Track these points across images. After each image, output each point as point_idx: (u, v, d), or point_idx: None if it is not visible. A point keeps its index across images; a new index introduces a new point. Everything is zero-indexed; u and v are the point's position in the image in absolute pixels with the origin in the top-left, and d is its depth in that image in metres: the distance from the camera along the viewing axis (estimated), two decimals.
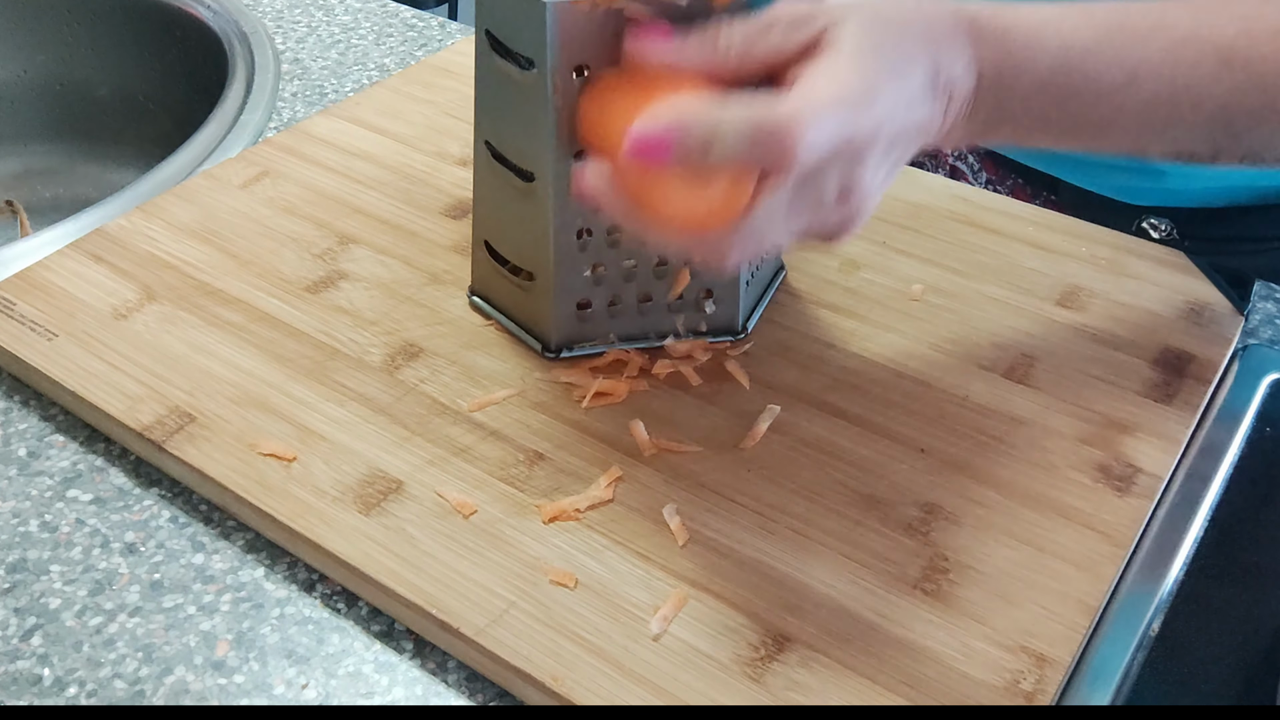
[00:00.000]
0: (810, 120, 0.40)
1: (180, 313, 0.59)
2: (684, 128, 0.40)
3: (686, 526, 0.49)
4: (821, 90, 0.41)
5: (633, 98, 0.44)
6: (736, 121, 0.40)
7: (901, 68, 0.43)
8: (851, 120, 0.41)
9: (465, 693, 0.45)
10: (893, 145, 0.44)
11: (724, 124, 0.40)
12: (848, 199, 0.44)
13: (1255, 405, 0.56)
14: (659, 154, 0.41)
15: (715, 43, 0.44)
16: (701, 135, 0.40)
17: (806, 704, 0.43)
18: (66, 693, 0.45)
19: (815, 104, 0.41)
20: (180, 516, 0.52)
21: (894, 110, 0.43)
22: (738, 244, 0.44)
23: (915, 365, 0.57)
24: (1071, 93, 0.47)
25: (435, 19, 0.90)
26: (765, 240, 0.44)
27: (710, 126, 0.40)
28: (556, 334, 0.56)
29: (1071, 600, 0.46)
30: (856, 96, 0.41)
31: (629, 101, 0.44)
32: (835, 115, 0.41)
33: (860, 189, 0.44)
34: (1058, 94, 0.47)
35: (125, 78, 0.95)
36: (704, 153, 0.40)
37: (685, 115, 0.41)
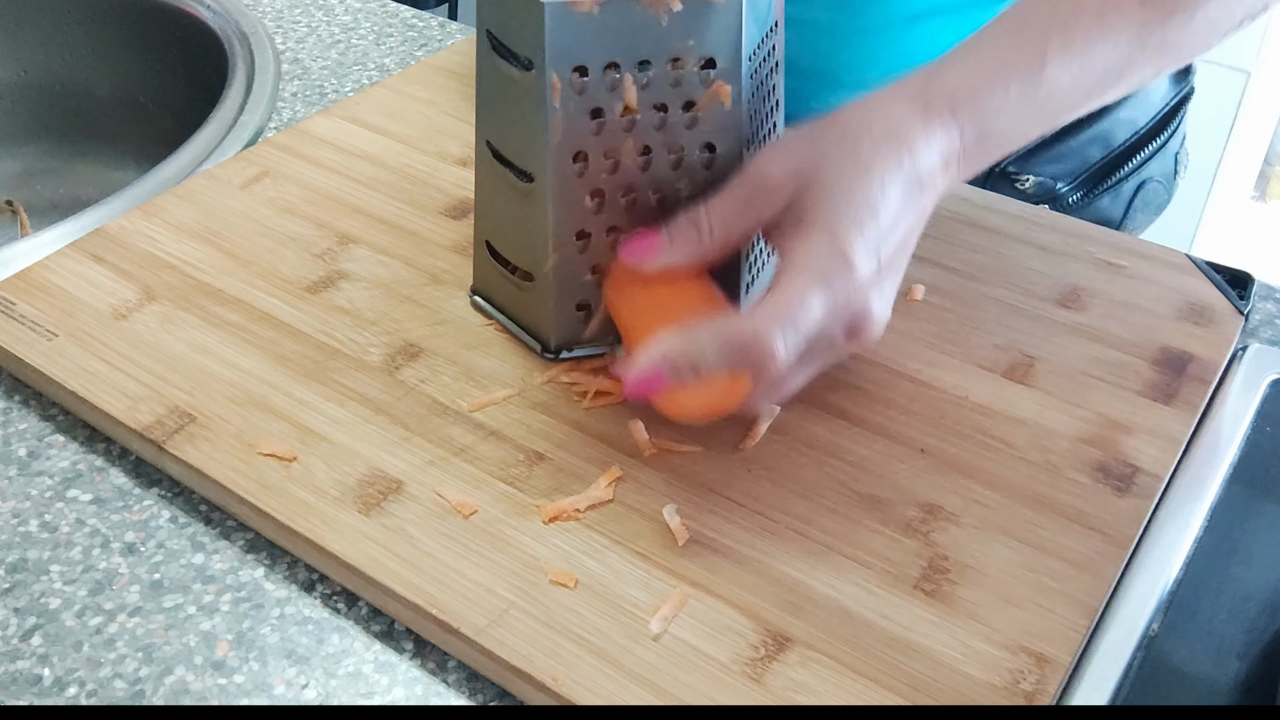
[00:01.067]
0: (776, 326, 0.44)
1: (180, 313, 0.59)
2: (669, 361, 0.46)
3: (686, 526, 0.49)
4: (790, 286, 0.45)
5: (642, 290, 0.51)
6: (712, 345, 0.45)
7: (877, 201, 0.47)
8: (829, 296, 0.45)
9: (465, 693, 0.45)
10: (889, 269, 0.48)
11: (703, 349, 0.45)
12: (858, 334, 0.48)
13: (1255, 405, 0.56)
14: (656, 386, 0.46)
15: (697, 235, 0.49)
16: (685, 362, 0.45)
17: (806, 704, 0.43)
18: (66, 693, 0.45)
19: (782, 309, 0.45)
20: (180, 516, 0.52)
21: (878, 246, 0.46)
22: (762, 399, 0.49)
23: (915, 365, 0.57)
24: (1042, 105, 0.51)
25: (435, 19, 0.90)
26: (787, 389, 0.49)
27: (692, 353, 0.45)
28: (556, 335, 0.56)
29: (1071, 600, 0.46)
30: (830, 269, 0.45)
31: (638, 297, 0.51)
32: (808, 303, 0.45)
33: (867, 323, 0.47)
34: (1032, 113, 0.51)
35: (125, 78, 0.95)
36: (694, 374, 0.45)
37: (667, 350, 0.46)
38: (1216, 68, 1.77)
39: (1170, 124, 0.80)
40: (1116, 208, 0.80)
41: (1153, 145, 0.79)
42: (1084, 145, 0.77)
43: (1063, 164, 0.77)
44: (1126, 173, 0.78)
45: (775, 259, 0.61)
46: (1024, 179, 0.76)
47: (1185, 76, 0.81)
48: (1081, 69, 0.50)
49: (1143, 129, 0.79)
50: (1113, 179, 0.78)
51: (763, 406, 0.51)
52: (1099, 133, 0.77)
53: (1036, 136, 0.53)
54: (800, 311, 0.45)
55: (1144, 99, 0.78)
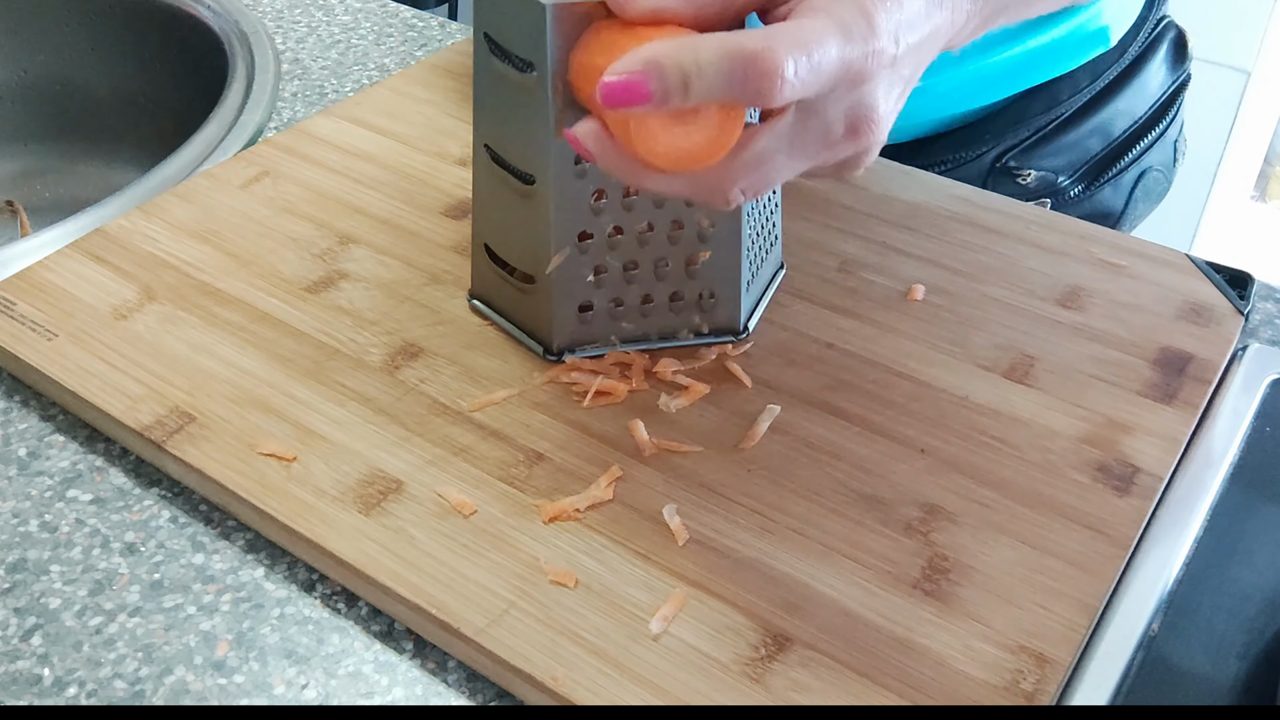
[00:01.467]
0: (791, 49, 0.38)
1: (180, 313, 0.59)
2: (659, 67, 0.38)
3: (686, 526, 0.49)
4: (810, 21, 0.40)
5: (620, 46, 0.42)
6: (713, 55, 0.38)
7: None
8: (846, 47, 0.39)
9: (465, 693, 0.45)
10: (900, 65, 0.42)
11: (701, 59, 0.38)
12: (857, 131, 0.42)
13: (1255, 405, 0.56)
14: (635, 97, 0.39)
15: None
16: (678, 73, 0.38)
17: (806, 704, 0.43)
18: (66, 693, 0.45)
19: (799, 34, 0.39)
20: (180, 516, 0.52)
21: (896, 30, 0.41)
22: (737, 179, 0.42)
23: (915, 365, 0.57)
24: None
25: (435, 19, 0.90)
26: (769, 177, 0.43)
27: (686, 63, 0.38)
28: (558, 337, 0.56)
29: (1071, 600, 0.46)
30: (851, 22, 0.40)
31: (615, 50, 0.41)
32: (825, 43, 0.39)
33: (871, 119, 0.42)
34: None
35: (125, 78, 0.95)
36: (683, 91, 0.39)
37: (659, 54, 0.39)
38: (1216, 67, 1.77)
39: (1168, 112, 0.80)
40: (1118, 198, 0.80)
41: (1152, 134, 0.79)
42: (1084, 138, 0.77)
43: (1063, 157, 0.77)
44: (1127, 163, 0.79)
45: (775, 252, 0.61)
46: (1025, 173, 0.76)
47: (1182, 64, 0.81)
48: None
49: (1141, 119, 0.79)
50: (1113, 170, 0.78)
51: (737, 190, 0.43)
52: (1098, 124, 0.77)
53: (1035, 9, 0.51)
54: (816, 45, 0.39)
55: (1141, 90, 0.79)
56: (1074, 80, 0.76)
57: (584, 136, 0.43)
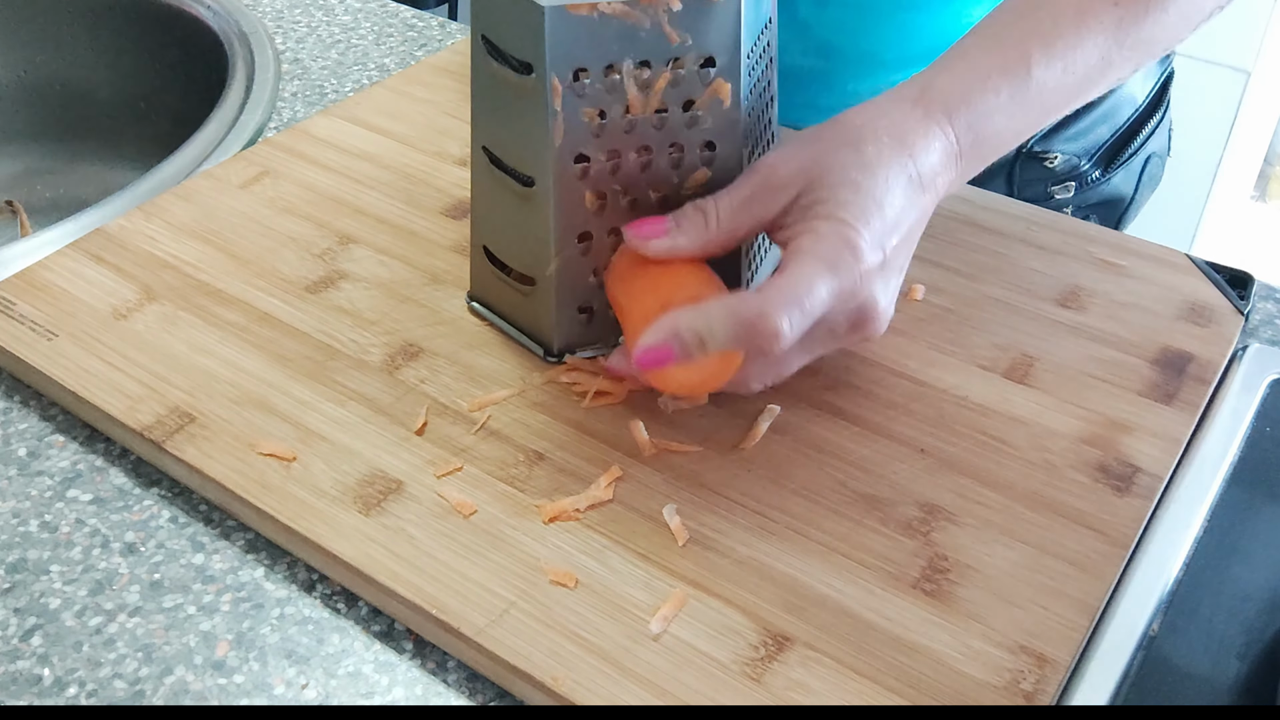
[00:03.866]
0: (784, 307, 0.45)
1: (180, 313, 0.59)
2: (679, 336, 0.47)
3: (686, 526, 0.49)
4: (798, 272, 0.46)
5: (644, 278, 0.51)
6: (721, 322, 0.46)
7: (881, 198, 0.48)
8: (835, 282, 0.47)
9: (465, 693, 0.45)
10: (892, 262, 0.49)
11: (712, 326, 0.46)
12: (860, 327, 0.50)
13: (1255, 405, 0.56)
14: (664, 359, 0.47)
15: (704, 224, 0.50)
16: (694, 338, 0.46)
17: (806, 704, 0.43)
18: (66, 693, 0.45)
19: (790, 290, 0.46)
20: (180, 516, 0.52)
21: (882, 237, 0.48)
22: (760, 378, 0.51)
23: (915, 365, 0.57)
24: (1031, 106, 0.53)
25: (435, 19, 0.90)
26: (784, 371, 0.52)
27: (700, 329, 0.46)
28: (558, 339, 0.56)
29: (1071, 600, 0.46)
30: (837, 258, 0.47)
31: (640, 282, 0.51)
32: (815, 288, 0.46)
33: (871, 315, 0.49)
34: (1023, 114, 0.53)
35: (125, 78, 0.95)
36: (701, 349, 0.47)
37: (677, 325, 0.47)
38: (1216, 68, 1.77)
39: (1162, 100, 0.83)
40: (1128, 183, 0.83)
41: (1151, 122, 0.82)
42: (1095, 123, 0.80)
43: (1080, 142, 0.79)
44: (1135, 148, 0.81)
45: (774, 253, 0.61)
46: (1052, 156, 0.78)
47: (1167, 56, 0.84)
48: (1065, 70, 0.52)
49: (1141, 106, 0.82)
50: (1124, 155, 0.81)
51: (756, 386, 0.52)
52: (1106, 110, 0.80)
53: (1027, 137, 0.54)
54: (807, 295, 0.46)
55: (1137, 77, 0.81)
56: None
57: (618, 364, 0.53)
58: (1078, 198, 0.80)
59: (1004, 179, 0.78)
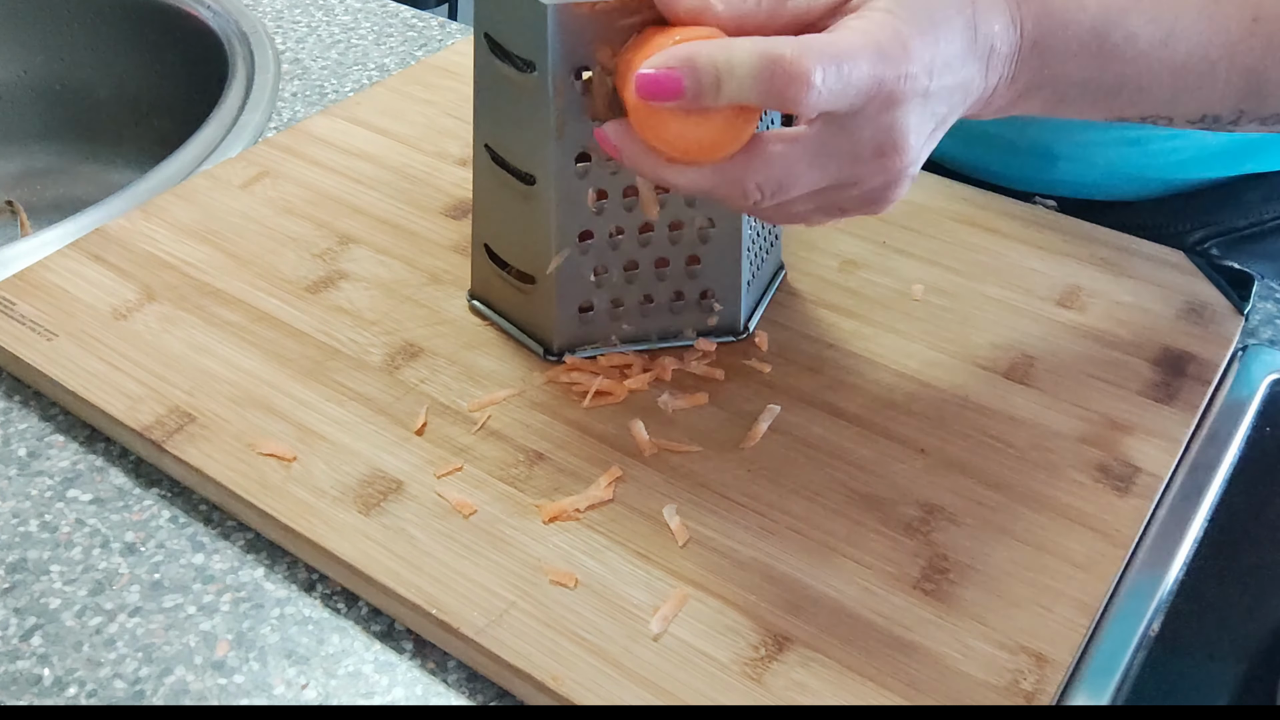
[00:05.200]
0: (822, 59, 0.39)
1: (180, 313, 0.59)
2: (693, 64, 0.40)
3: (686, 526, 0.49)
4: (845, 35, 0.40)
5: (653, 48, 0.43)
6: (746, 57, 0.39)
7: (938, 26, 0.42)
8: (879, 65, 0.40)
9: (465, 693, 0.45)
10: (933, 100, 0.42)
11: (734, 59, 0.39)
12: (885, 155, 0.42)
13: (1255, 405, 0.56)
14: (669, 92, 0.40)
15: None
16: (711, 72, 0.40)
17: (806, 704, 0.43)
18: (66, 693, 0.45)
19: (832, 45, 0.39)
20: (180, 516, 0.52)
21: (931, 64, 0.41)
22: (755, 177, 0.42)
23: (915, 365, 0.57)
24: (1112, 51, 0.46)
25: (435, 19, 0.90)
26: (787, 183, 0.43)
27: (720, 62, 0.39)
28: (559, 337, 0.56)
29: (1071, 600, 0.46)
30: (887, 44, 0.40)
31: (648, 51, 0.43)
32: (857, 58, 0.39)
33: (899, 145, 0.42)
34: (1098, 52, 0.46)
35: (125, 78, 0.95)
36: (715, 89, 0.40)
37: (695, 52, 0.40)
38: None
39: None
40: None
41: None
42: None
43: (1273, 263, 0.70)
44: None
45: (778, 247, 0.61)
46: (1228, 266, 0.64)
47: None
48: (1162, 45, 0.47)
49: None
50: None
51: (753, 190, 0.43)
52: None
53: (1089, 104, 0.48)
54: (847, 56, 0.39)
55: None
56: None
57: (612, 134, 0.45)
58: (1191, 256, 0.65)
59: None
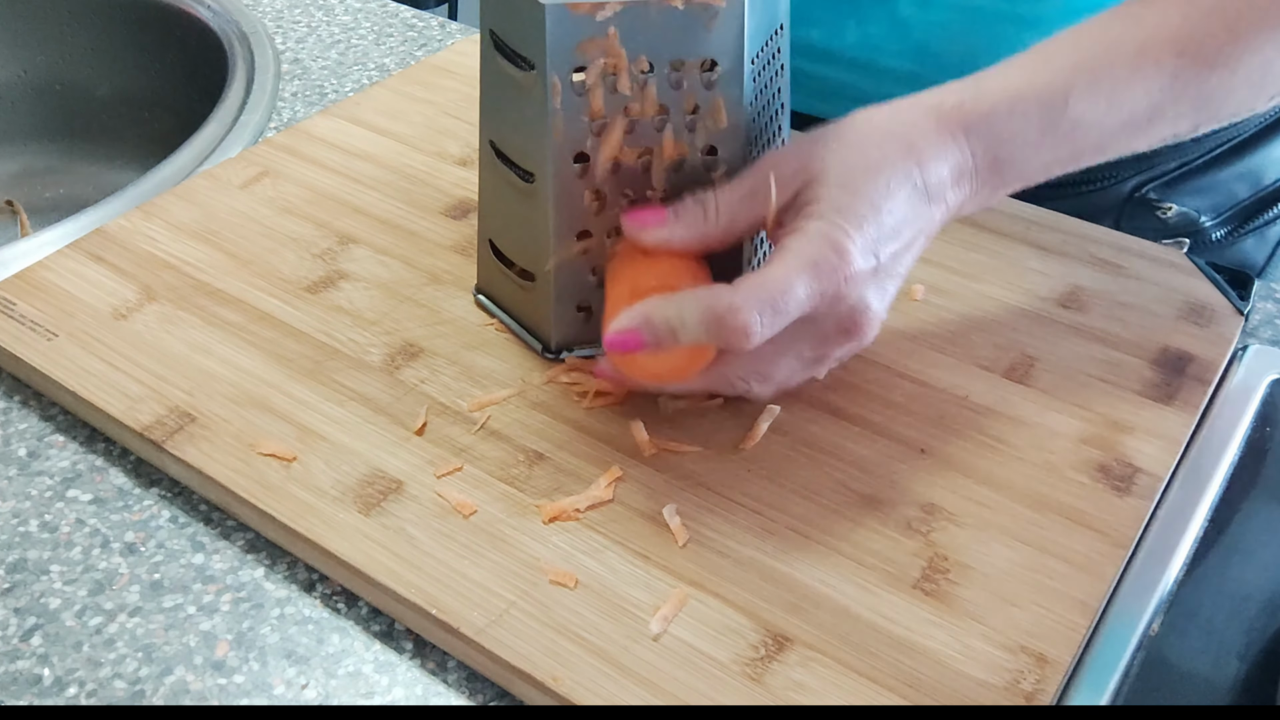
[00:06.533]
0: (756, 304, 0.45)
1: (180, 313, 0.59)
2: (649, 323, 0.47)
3: (686, 526, 0.49)
4: (777, 269, 0.46)
5: (636, 268, 0.51)
6: (692, 313, 0.46)
7: (877, 206, 0.47)
8: (815, 283, 0.46)
9: (465, 693, 0.45)
10: (887, 267, 0.48)
11: (684, 316, 0.46)
12: (849, 331, 0.49)
13: (1255, 405, 0.56)
14: (633, 345, 0.47)
15: (703, 216, 0.49)
16: (665, 326, 0.46)
17: (806, 704, 0.43)
18: (66, 693, 0.45)
19: (765, 287, 0.45)
20: (180, 516, 0.52)
21: (875, 244, 0.47)
22: (743, 375, 0.50)
23: (915, 365, 0.57)
24: (1064, 136, 0.50)
25: (435, 19, 0.90)
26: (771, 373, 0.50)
27: (672, 319, 0.46)
28: (557, 335, 0.56)
29: (1071, 600, 0.46)
30: (820, 259, 0.46)
31: (631, 271, 0.51)
32: (792, 287, 0.45)
33: (861, 320, 0.48)
34: (1052, 145, 0.50)
35: (125, 78, 0.95)
36: (672, 339, 0.47)
37: (649, 312, 0.47)
38: None
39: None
40: (1261, 250, 0.76)
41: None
42: (1232, 180, 0.74)
43: (1208, 197, 0.74)
44: (1274, 215, 0.75)
45: None
46: (1166, 207, 0.73)
47: None
48: (1107, 109, 0.50)
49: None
50: (1259, 220, 0.75)
51: (741, 386, 0.51)
52: (1249, 169, 0.74)
53: (1058, 172, 0.52)
54: (781, 293, 0.45)
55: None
56: None
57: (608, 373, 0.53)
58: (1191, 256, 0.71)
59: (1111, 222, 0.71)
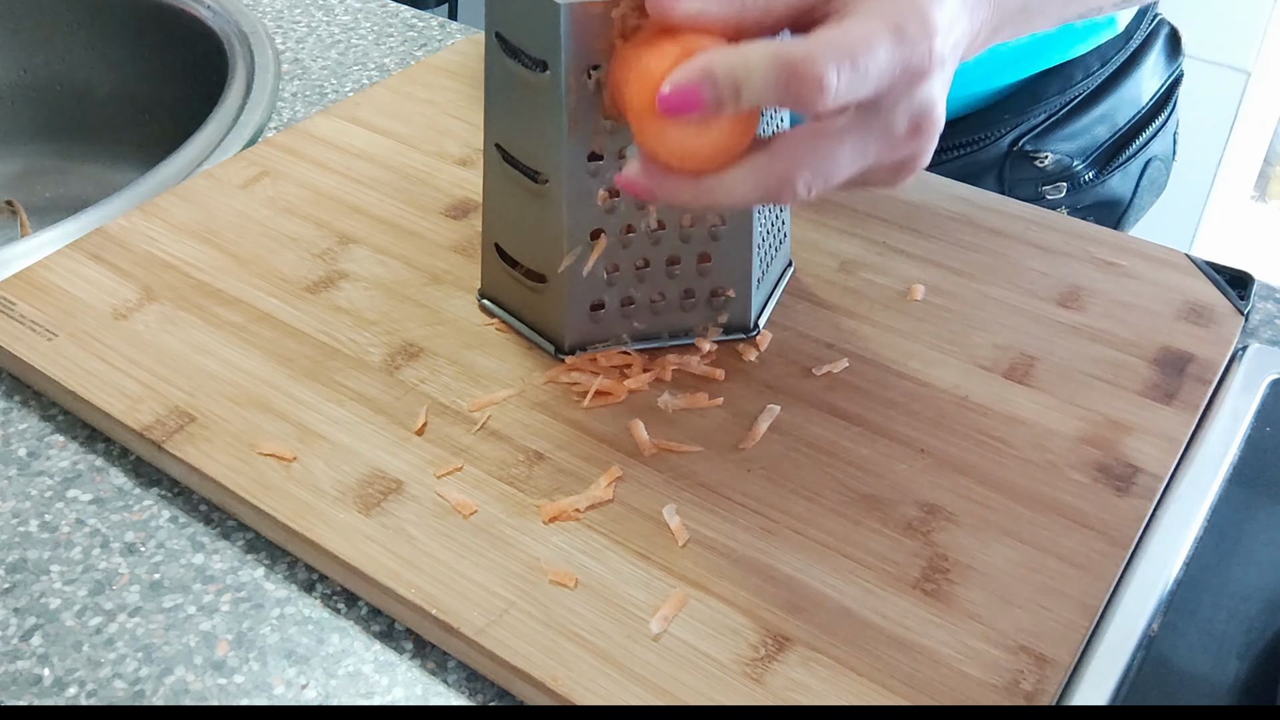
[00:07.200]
0: (834, 57, 0.39)
1: (180, 313, 0.59)
2: (712, 76, 0.40)
3: (686, 526, 0.49)
4: (859, 25, 0.40)
5: (658, 56, 0.43)
6: (760, 63, 0.40)
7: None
8: (899, 49, 0.40)
9: (465, 693, 0.45)
10: (948, 63, 0.43)
11: (750, 66, 0.40)
12: (920, 131, 0.43)
13: (1255, 405, 0.56)
14: (691, 105, 0.40)
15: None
16: (730, 81, 0.40)
17: (806, 704, 0.43)
18: (66, 693, 0.45)
19: (845, 40, 0.39)
20: (180, 516, 0.52)
21: (948, 28, 0.42)
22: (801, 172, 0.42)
23: (915, 365, 0.57)
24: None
25: (435, 19, 0.90)
26: (831, 172, 0.43)
27: (736, 69, 0.40)
28: (570, 336, 0.56)
29: (1071, 600, 0.46)
30: (905, 23, 0.40)
31: (654, 59, 0.43)
32: (874, 48, 0.39)
33: (933, 119, 0.43)
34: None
35: (125, 78, 0.95)
36: (734, 97, 0.40)
37: (713, 64, 0.40)
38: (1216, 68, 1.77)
39: (1167, 104, 0.83)
40: (1126, 186, 0.82)
41: (1154, 125, 0.82)
42: (1093, 124, 0.79)
43: (1075, 142, 0.79)
44: (1133, 151, 0.81)
45: (786, 244, 0.61)
46: (1043, 155, 0.78)
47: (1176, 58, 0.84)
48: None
49: (1144, 109, 0.82)
50: (1121, 158, 0.81)
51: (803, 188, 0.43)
52: (1105, 111, 0.80)
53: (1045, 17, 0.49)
54: (863, 50, 0.39)
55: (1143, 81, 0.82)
56: (1085, 64, 0.79)
57: (637, 176, 0.44)
58: (1070, 199, 0.80)
59: (994, 178, 0.78)
